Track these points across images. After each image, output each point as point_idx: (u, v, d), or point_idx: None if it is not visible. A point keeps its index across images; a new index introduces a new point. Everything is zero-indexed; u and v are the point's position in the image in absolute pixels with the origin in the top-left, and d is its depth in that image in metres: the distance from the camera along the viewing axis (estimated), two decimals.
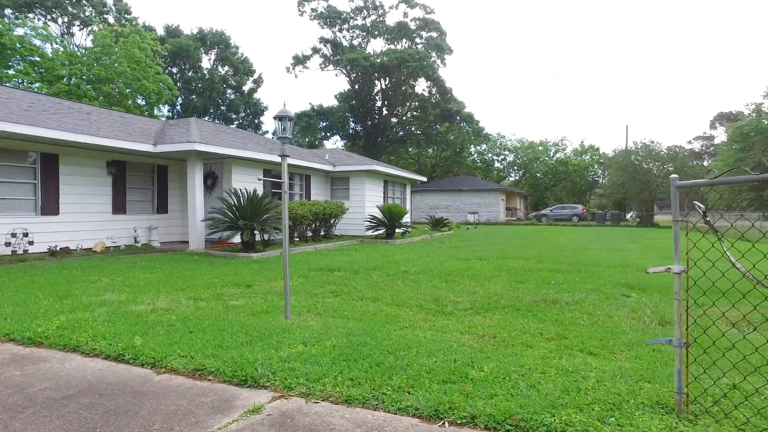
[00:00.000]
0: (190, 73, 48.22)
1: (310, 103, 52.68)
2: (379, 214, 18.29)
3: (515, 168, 67.64)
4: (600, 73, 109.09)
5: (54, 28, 36.89)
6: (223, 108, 50.87)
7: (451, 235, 22.58)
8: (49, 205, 11.51)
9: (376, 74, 46.15)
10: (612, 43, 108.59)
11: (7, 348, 3.97)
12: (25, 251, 10.81)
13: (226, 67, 51.15)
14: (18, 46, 30.19)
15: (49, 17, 37.94)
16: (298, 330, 4.62)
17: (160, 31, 44.06)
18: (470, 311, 5.79)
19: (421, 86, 50.05)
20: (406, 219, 19.97)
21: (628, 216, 42.01)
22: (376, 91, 50.07)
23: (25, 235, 10.86)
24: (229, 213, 12.16)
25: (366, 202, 19.22)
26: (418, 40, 49.94)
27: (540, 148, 64.90)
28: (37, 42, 32.15)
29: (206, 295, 6.42)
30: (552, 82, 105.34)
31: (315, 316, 5.45)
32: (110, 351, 3.77)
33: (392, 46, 49.26)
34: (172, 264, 9.65)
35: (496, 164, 68.28)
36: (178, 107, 47.45)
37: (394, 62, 43.90)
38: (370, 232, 18.26)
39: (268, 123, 54.15)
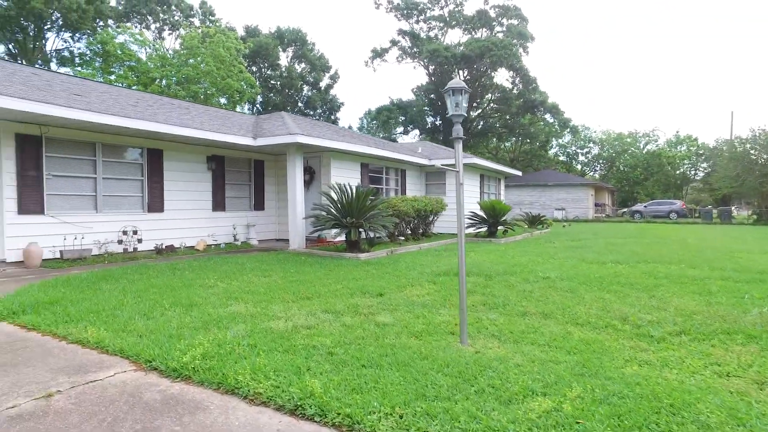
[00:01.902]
0: (268, 71, 49.02)
1: (390, 97, 51.95)
2: (480, 211, 16.98)
3: (601, 161, 63.44)
4: (697, 58, 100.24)
5: (148, 34, 38.54)
6: (300, 105, 51.32)
7: (551, 233, 20.86)
8: (155, 203, 11.26)
9: (455, 65, 44.51)
10: (708, 24, 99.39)
11: (153, 382, 3.17)
12: (135, 249, 10.58)
13: (303, 64, 51.55)
14: (119, 52, 31.72)
15: (143, 24, 39.75)
16: (498, 364, 3.53)
17: (241, 32, 44.99)
18: (684, 336, 4.48)
19: (502, 77, 47.90)
20: (509, 216, 18.50)
21: (738, 212, 37.73)
22: None
23: (135, 232, 10.63)
24: (333, 210, 11.37)
25: (464, 197, 17.93)
26: (498, 28, 47.75)
27: (629, 139, 60.41)
28: (134, 47, 33.65)
29: (341, 308, 5.51)
30: (641, 69, 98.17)
31: (491, 339, 4.35)
32: (281, 399, 2.84)
33: (470, 36, 47.42)
34: (281, 266, 8.93)
35: (581, 157, 64.42)
36: (258, 105, 48.33)
37: (476, 52, 42.07)
38: (471, 230, 17.01)
39: (345, 119, 54.22)
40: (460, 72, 47.10)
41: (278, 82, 49.59)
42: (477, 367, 3.50)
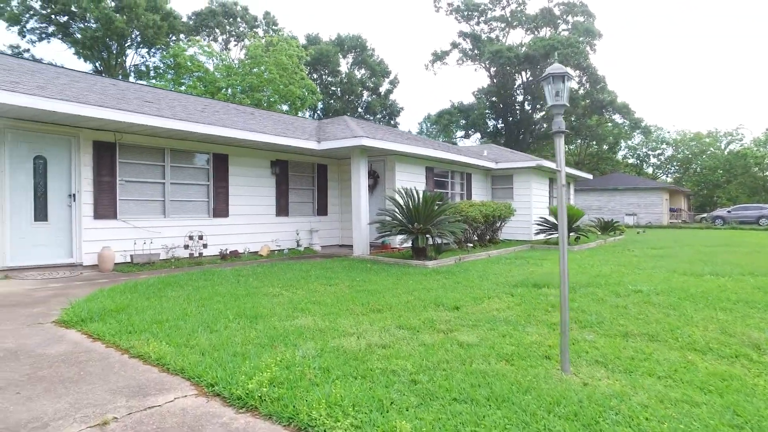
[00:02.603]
0: (329, 78, 49.62)
1: (450, 101, 51.18)
2: (551, 217, 15.99)
3: (675, 163, 59.36)
4: None
5: (215, 46, 40.01)
6: (360, 110, 51.56)
7: (626, 239, 19.41)
8: (220, 207, 11.26)
9: (518, 66, 43.13)
10: None
11: (216, 412, 2.78)
12: (201, 254, 10.59)
13: (363, 70, 51.81)
14: (188, 64, 33.08)
15: (211, 37, 41.35)
16: (619, 404, 2.88)
17: (302, 41, 45.81)
18: None
19: None
20: (582, 222, 17.36)
21: None
22: (517, 84, 47.02)
23: (200, 237, 10.64)
24: (399, 215, 10.90)
25: (532, 202, 17.00)
26: (563, 26, 45.86)
27: (707, 139, 56.11)
28: (203, 59, 34.98)
29: (416, 323, 4.99)
30: (721, 63, 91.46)
31: (596, 367, 3.69)
32: None
33: (533, 36, 45.81)
34: (347, 273, 8.55)
35: (652, 159, 60.60)
36: (319, 112, 48.99)
37: (540, 51, 40.54)
38: (541, 236, 16.06)
39: (404, 124, 53.96)
40: (523, 73, 45.59)
41: (338, 89, 50.09)
42: (594, 406, 2.86)
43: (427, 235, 10.52)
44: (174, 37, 37.77)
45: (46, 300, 6.01)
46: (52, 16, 34.19)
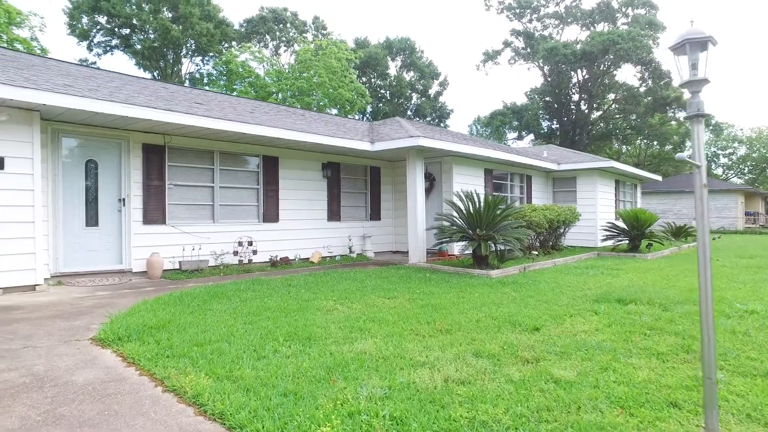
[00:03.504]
0: (378, 81, 49.25)
1: (503, 101, 49.72)
2: (619, 221, 14.72)
3: (749, 163, 55.15)
4: None
5: (266, 52, 40.47)
6: (409, 113, 50.90)
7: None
8: (270, 212, 10.83)
9: (574, 64, 41.14)
10: None
11: None
12: (250, 261, 10.17)
13: (412, 72, 51.12)
14: (240, 70, 33.54)
15: (262, 43, 41.90)
16: None
17: (351, 44, 45.67)
18: None
19: (627, 73, 43.50)
20: (655, 227, 15.92)
21: None
22: (572, 83, 44.97)
23: (250, 243, 10.23)
24: (458, 220, 10.10)
25: (598, 206, 15.74)
26: (622, 20, 43.43)
27: None
28: (253, 64, 35.41)
29: (494, 349, 4.21)
30: None
31: (750, 425, 2.79)
32: None
33: (589, 32, 43.63)
34: (405, 284, 7.83)
35: (722, 159, 56.58)
36: (368, 115, 48.70)
37: (598, 47, 38.51)
38: (609, 243, 14.80)
39: (454, 126, 52.84)
40: (579, 71, 43.52)
41: (387, 91, 49.65)
42: None
43: (490, 242, 9.66)
44: (226, 45, 38.46)
45: (90, 311, 5.64)
46: (116, 30, 35.57)
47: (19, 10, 24.08)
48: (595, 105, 45.28)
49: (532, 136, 48.92)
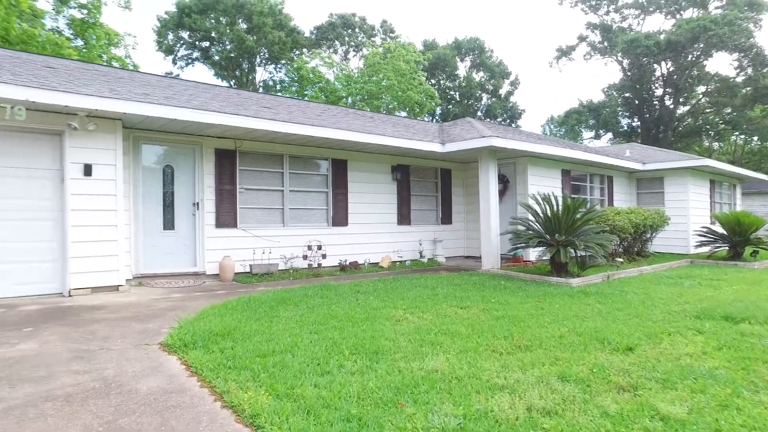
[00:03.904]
0: (447, 83, 48.62)
1: (578, 99, 47.39)
2: (716, 226, 13.33)
3: None
4: None
5: (335, 57, 41.21)
6: (480, 114, 49.80)
7: None
8: (339, 216, 10.74)
9: (658, 56, 38.28)
10: None
11: None
12: (319, 265, 10.13)
13: (482, 73, 50.01)
14: (311, 76, 34.33)
15: (332, 49, 42.71)
16: None
17: (419, 47, 45.39)
18: None
19: (721, 61, 39.88)
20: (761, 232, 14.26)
21: None
22: (655, 77, 41.91)
23: (319, 247, 10.19)
24: (535, 224, 9.49)
25: (690, 208, 14.36)
26: (715, 3, 39.85)
27: None
28: (323, 69, 36.11)
29: (582, 371, 3.72)
30: None
31: None
32: None
33: (675, 20, 40.44)
34: (479, 292, 7.38)
35: None
36: (437, 117, 48.19)
37: (686, 36, 35.58)
38: (704, 249, 13.44)
39: (525, 127, 51.03)
40: (663, 63, 40.46)
41: (457, 93, 48.90)
42: None
43: (569, 248, 8.97)
44: (298, 52, 39.51)
45: (163, 313, 5.71)
46: (196, 43, 37.67)
47: (116, 31, 25.95)
48: (681, 99, 41.94)
49: (610, 135, 46.17)
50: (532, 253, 11.23)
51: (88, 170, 7.15)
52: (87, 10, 23.32)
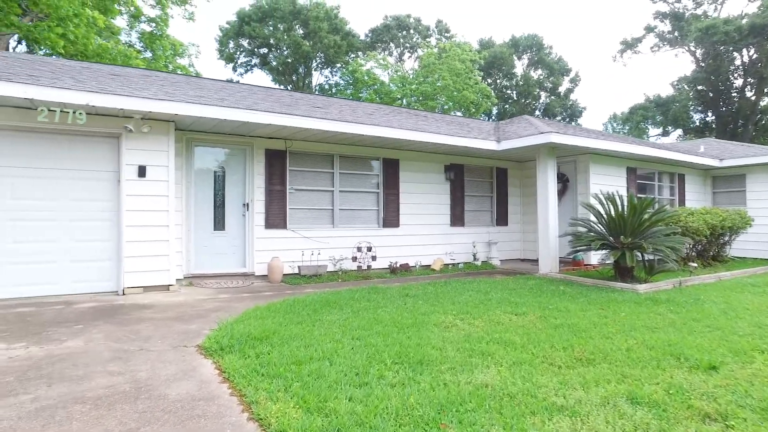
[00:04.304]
0: (504, 82, 47.41)
1: (645, 94, 44.83)
2: None
3: None
4: None
5: (390, 59, 41.17)
6: (538, 113, 48.20)
7: None
8: (390, 217, 10.48)
9: (739, 42, 35.39)
10: None
11: None
12: (369, 267, 9.91)
13: (540, 70, 48.39)
14: (365, 78, 34.45)
15: (387, 51, 42.72)
16: None
17: (475, 46, 44.51)
18: None
19: None
20: None
21: None
22: (735, 66, 38.83)
23: (369, 249, 9.97)
24: (597, 226, 8.82)
25: None
26: None
27: None
28: (378, 71, 36.14)
29: (656, 393, 3.23)
30: None
31: None
32: None
33: (761, 1, 37.23)
34: (535, 297, 6.88)
35: None
36: (494, 117, 47.06)
37: None
38: None
39: (587, 125, 48.82)
40: (744, 51, 37.39)
41: (514, 92, 47.58)
42: None
43: (636, 251, 8.24)
44: (353, 55, 39.78)
45: (207, 314, 5.66)
46: (255, 50, 38.81)
47: (181, 42, 27.11)
48: (766, 89, 38.62)
49: (679, 132, 43.26)
50: (594, 257, 10.50)
51: (142, 171, 7.28)
52: (155, 24, 24.50)
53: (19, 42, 19.72)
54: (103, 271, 7.20)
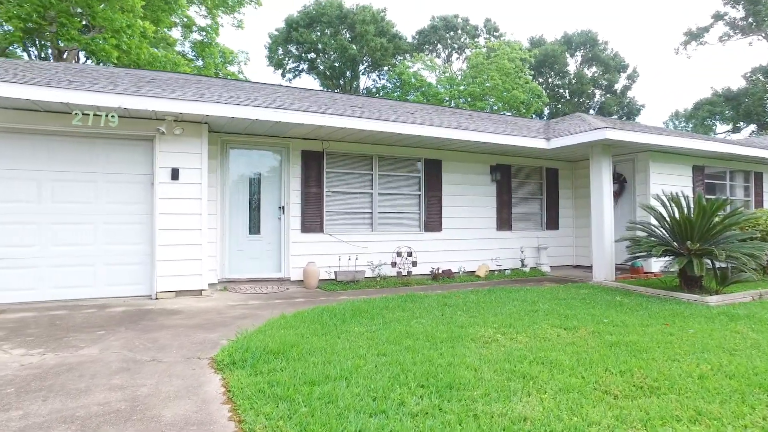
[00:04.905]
0: (556, 81, 45.73)
1: (712, 87, 42.01)
2: None
3: None
4: None
5: (437, 61, 40.57)
6: (592, 112, 46.14)
7: None
8: (432, 220, 9.99)
9: None
10: None
11: None
12: (409, 273, 9.46)
13: (594, 68, 46.32)
14: (412, 80, 34.06)
15: (434, 53, 42.16)
16: None
17: (525, 44, 43.15)
18: None
19: None
20: None
21: None
22: None
23: (409, 254, 9.53)
24: (659, 230, 8.00)
25: None
26: None
27: None
28: (425, 73, 35.66)
29: None
30: None
31: None
32: None
33: None
34: (588, 309, 6.21)
35: None
36: (545, 117, 45.44)
37: None
38: None
39: (645, 122, 46.12)
40: None
41: (566, 90, 45.77)
42: None
43: (705, 259, 7.37)
44: (400, 58, 39.48)
45: (232, 322, 5.41)
46: (303, 55, 39.29)
47: (231, 50, 27.74)
48: None
49: (753, 127, 40.11)
50: (655, 264, 9.60)
51: (175, 174, 7.18)
52: (205, 32, 25.17)
53: (87, 57, 20.66)
54: (137, 274, 7.14)
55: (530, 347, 4.33)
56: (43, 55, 20.50)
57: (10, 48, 18.45)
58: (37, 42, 20.16)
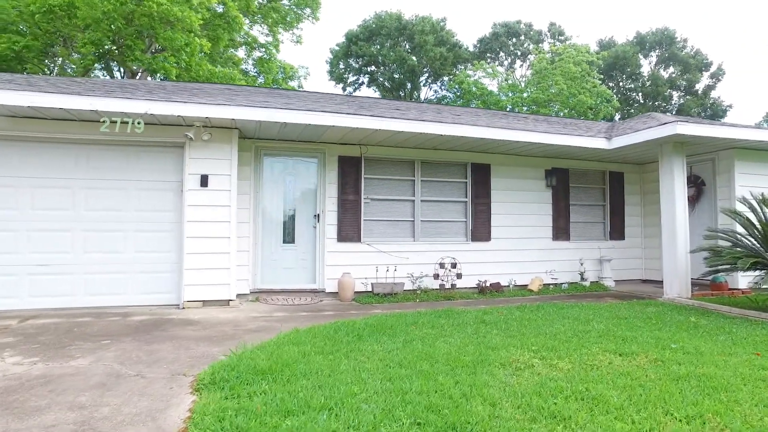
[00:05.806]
0: (628, 84, 43.04)
1: None
2: None
3: None
4: None
5: (499, 69, 39.44)
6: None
7: None
8: (480, 230, 9.25)
9: None
10: None
11: None
12: (453, 285, 8.75)
13: (671, 68, 43.12)
14: (473, 89, 33.25)
15: (497, 61, 41.05)
16: None
17: (594, 47, 40.98)
18: None
19: None
20: None
21: None
22: None
23: (453, 266, 8.82)
24: (746, 238, 6.82)
25: None
26: None
27: None
28: (485, 81, 34.68)
29: None
30: None
31: None
32: None
33: None
34: (652, 331, 5.25)
35: None
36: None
37: None
38: None
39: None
40: None
41: (639, 94, 42.94)
42: None
43: None
44: (461, 66, 38.74)
45: (244, 335, 5.02)
46: (363, 68, 39.59)
47: (291, 65, 28.38)
48: None
49: None
50: (742, 279, 8.28)
51: (204, 181, 7.01)
52: (264, 48, 25.87)
53: (150, 75, 21.77)
54: (167, 283, 6.99)
55: (571, 377, 3.57)
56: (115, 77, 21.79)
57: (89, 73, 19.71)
58: (110, 64, 21.47)
